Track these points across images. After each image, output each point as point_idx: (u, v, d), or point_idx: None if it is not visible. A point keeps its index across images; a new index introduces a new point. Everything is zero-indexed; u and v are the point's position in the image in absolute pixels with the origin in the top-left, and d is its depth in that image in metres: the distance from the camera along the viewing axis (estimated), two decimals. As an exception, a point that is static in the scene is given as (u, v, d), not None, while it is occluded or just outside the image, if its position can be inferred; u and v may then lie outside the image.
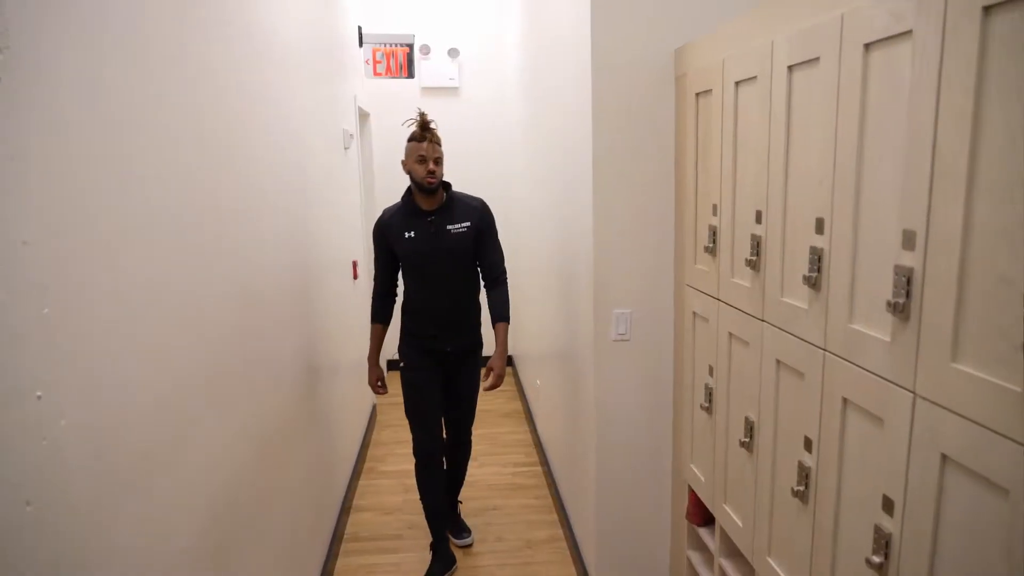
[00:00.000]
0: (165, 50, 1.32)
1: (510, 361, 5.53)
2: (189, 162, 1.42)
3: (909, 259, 1.08)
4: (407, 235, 2.65)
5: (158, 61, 1.29)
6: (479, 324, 2.85)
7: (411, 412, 2.79)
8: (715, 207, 1.90)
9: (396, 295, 2.85)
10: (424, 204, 2.66)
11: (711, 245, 1.92)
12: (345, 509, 3.26)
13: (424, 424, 2.77)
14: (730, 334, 1.84)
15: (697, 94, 2.00)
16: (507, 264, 2.86)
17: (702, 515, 2.19)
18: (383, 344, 2.89)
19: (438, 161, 2.61)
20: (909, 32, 1.07)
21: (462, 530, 3.11)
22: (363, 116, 4.77)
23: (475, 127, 5.36)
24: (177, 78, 1.37)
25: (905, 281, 1.09)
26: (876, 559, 1.18)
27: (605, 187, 2.25)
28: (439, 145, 2.63)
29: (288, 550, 2.14)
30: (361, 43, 4.53)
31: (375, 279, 2.82)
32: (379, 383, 2.86)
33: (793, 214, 1.48)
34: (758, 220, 1.64)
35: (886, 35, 1.13)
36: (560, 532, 3.14)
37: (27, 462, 0.85)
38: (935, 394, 1.03)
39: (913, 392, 1.08)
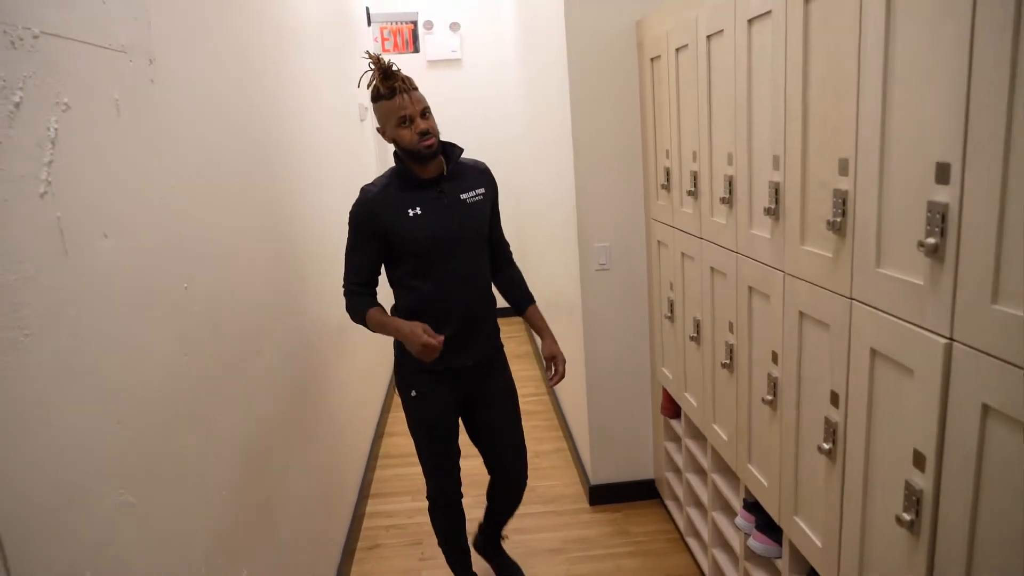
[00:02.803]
0: (222, 46, 1.78)
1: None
2: (241, 137, 1.88)
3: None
4: (411, 212, 1.94)
5: (215, 54, 1.74)
6: (497, 323, 2.20)
7: (424, 452, 2.17)
8: (667, 152, 2.33)
9: (375, 295, 2.08)
10: (424, 172, 1.97)
11: (666, 183, 2.36)
12: (378, 434, 3.78)
13: (442, 467, 2.17)
14: (682, 253, 2.29)
15: (651, 59, 2.43)
16: (511, 224, 2.57)
17: (673, 408, 2.66)
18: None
19: (426, 114, 1.91)
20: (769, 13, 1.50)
21: (512, 571, 2.50)
22: (374, 90, 5.20)
23: (477, 95, 5.76)
24: (230, 68, 1.83)
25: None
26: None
27: (583, 140, 2.69)
28: (417, 91, 1.91)
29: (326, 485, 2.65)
30: (369, 22, 4.94)
31: (345, 279, 2.04)
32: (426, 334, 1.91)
33: (718, 152, 1.91)
34: (694, 159, 2.07)
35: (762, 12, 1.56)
36: (564, 445, 3.64)
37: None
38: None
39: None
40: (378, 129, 1.99)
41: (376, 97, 1.92)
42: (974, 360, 0.98)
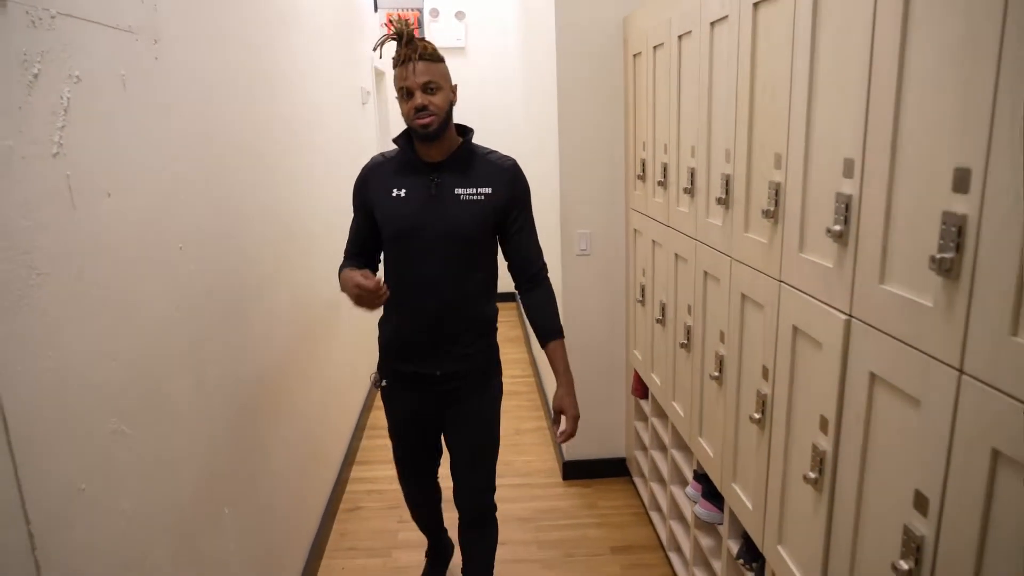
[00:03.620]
0: (226, 27, 1.91)
1: (513, 296, 6.14)
2: (255, 113, 2.02)
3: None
4: (395, 193, 1.79)
5: (219, 34, 1.88)
6: (490, 342, 1.95)
7: (395, 454, 2.11)
8: (643, 144, 2.46)
9: (374, 265, 1.97)
10: (427, 154, 1.79)
11: (641, 173, 2.49)
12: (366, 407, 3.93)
13: (404, 470, 2.12)
14: (653, 241, 2.42)
15: (634, 55, 2.55)
16: None
17: (642, 389, 2.80)
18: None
19: (432, 88, 1.70)
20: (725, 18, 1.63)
21: None
22: (379, 75, 5.32)
23: (480, 81, 5.88)
24: (233, 48, 1.96)
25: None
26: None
27: (569, 130, 2.81)
28: (435, 63, 1.71)
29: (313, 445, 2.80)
30: (376, 8, 5.06)
31: (347, 246, 1.97)
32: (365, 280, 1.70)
33: (684, 145, 2.04)
34: (665, 151, 2.20)
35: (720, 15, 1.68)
36: (544, 424, 3.79)
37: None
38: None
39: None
40: (397, 98, 1.78)
41: (394, 63, 1.74)
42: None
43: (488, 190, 1.80)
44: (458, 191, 1.79)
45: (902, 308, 1.02)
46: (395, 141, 1.84)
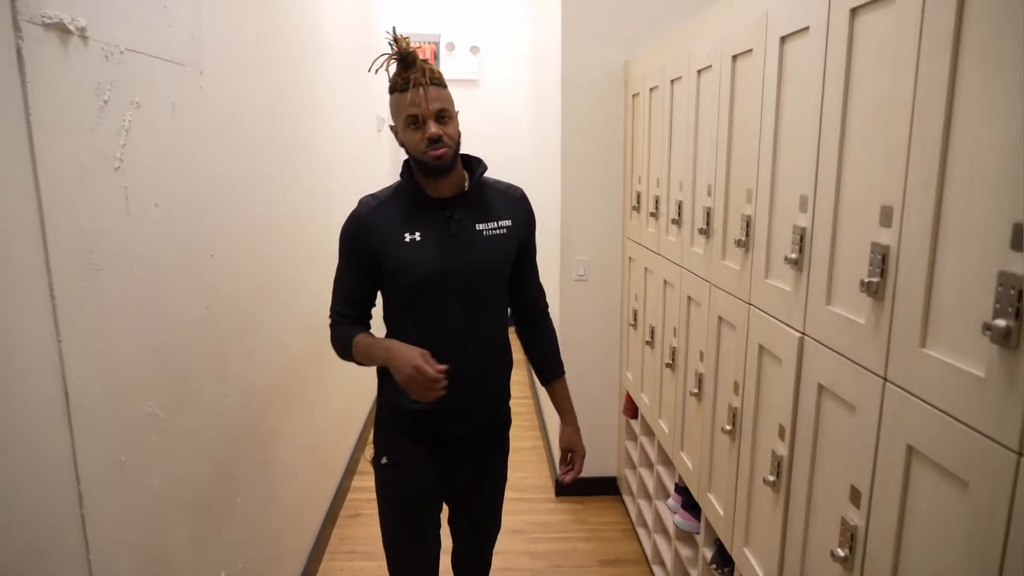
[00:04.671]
0: (259, 60, 2.11)
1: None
2: (281, 143, 2.21)
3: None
4: (409, 237, 1.58)
5: (253, 66, 2.07)
6: (509, 387, 1.81)
7: (391, 538, 1.74)
8: (639, 178, 2.64)
9: (369, 326, 1.70)
10: (435, 189, 1.60)
11: (636, 205, 2.67)
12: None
13: (411, 559, 1.74)
14: (645, 268, 2.58)
15: (633, 96, 2.74)
16: None
17: (633, 409, 2.93)
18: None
19: (444, 116, 1.53)
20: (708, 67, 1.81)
21: None
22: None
23: (491, 112, 6.10)
24: (264, 79, 2.16)
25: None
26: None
27: (570, 162, 3.00)
28: (443, 88, 1.55)
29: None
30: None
31: (332, 309, 1.70)
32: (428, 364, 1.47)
33: (673, 179, 2.21)
34: (657, 185, 2.38)
35: (706, 65, 1.87)
36: (541, 443, 3.91)
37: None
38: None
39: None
40: (392, 127, 1.61)
41: (392, 87, 1.55)
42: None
43: (508, 223, 1.65)
44: (479, 227, 1.62)
45: (843, 326, 1.18)
46: (402, 176, 1.64)
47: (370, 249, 1.60)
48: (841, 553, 1.16)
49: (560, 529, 3.02)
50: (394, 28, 1.59)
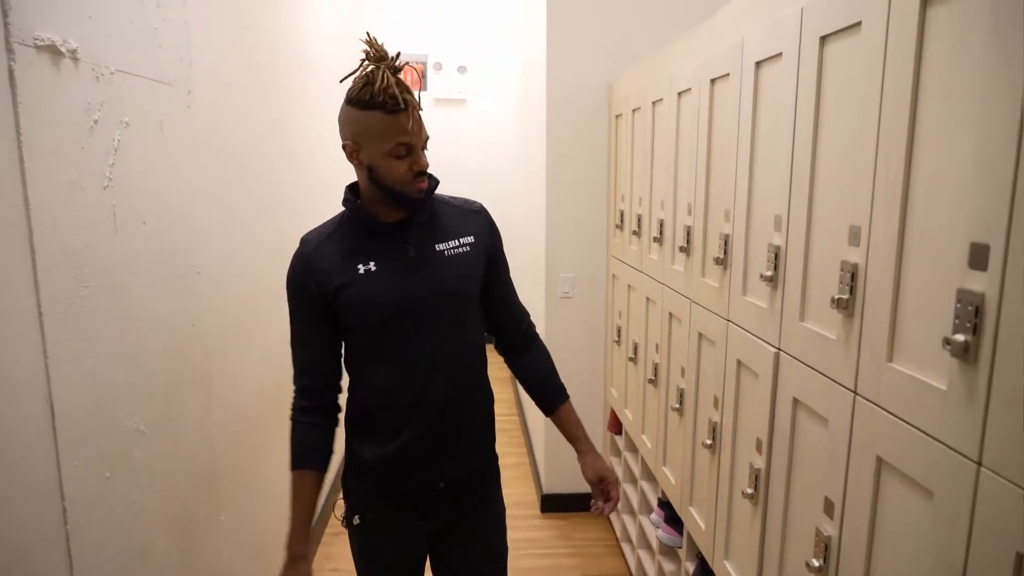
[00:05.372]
0: (248, 80, 2.14)
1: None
2: (272, 160, 2.23)
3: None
4: (363, 268, 1.40)
5: (241, 86, 2.10)
6: (494, 427, 1.62)
7: None
8: (622, 196, 2.68)
9: (339, 410, 1.52)
10: (387, 214, 1.41)
11: (620, 223, 2.71)
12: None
13: None
14: (628, 285, 2.62)
15: (616, 116, 2.79)
16: (512, 260, 1.68)
17: (618, 425, 2.96)
18: (317, 506, 1.51)
19: (426, 146, 1.38)
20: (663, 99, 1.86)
21: None
22: (381, 121, 5.61)
23: (478, 131, 6.16)
24: (252, 98, 2.19)
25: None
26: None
27: (556, 182, 3.04)
28: (420, 111, 1.37)
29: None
30: (381, 60, 5.35)
31: (295, 378, 1.48)
32: None
33: (655, 198, 2.26)
34: (640, 204, 2.42)
35: (686, 85, 1.91)
36: (526, 460, 3.92)
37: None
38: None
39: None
40: (345, 146, 1.36)
41: (368, 103, 1.30)
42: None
43: (471, 239, 1.47)
44: (440, 247, 1.44)
45: (816, 341, 1.21)
46: (345, 204, 1.44)
47: (322, 291, 1.39)
48: (816, 563, 1.18)
49: (545, 545, 3.02)
50: (368, 32, 1.41)
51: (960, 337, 0.84)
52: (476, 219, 1.51)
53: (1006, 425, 0.79)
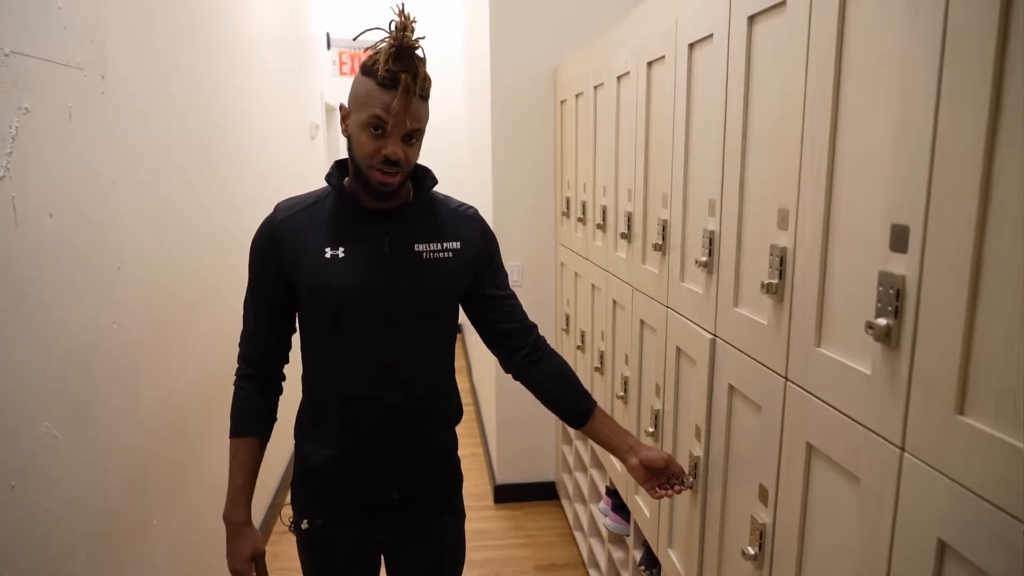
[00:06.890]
0: (174, 64, 2.04)
1: (459, 328, 6.26)
2: (196, 144, 2.14)
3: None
4: (330, 253, 1.31)
5: (166, 71, 2.00)
6: (456, 443, 1.55)
7: None
8: (568, 183, 2.65)
9: (282, 378, 1.47)
10: (371, 200, 1.32)
11: (566, 210, 2.68)
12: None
13: None
14: (575, 273, 2.60)
15: (561, 102, 2.76)
16: None
17: (569, 414, 2.94)
18: (257, 476, 1.43)
19: (412, 139, 1.27)
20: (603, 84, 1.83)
21: None
22: (330, 110, 5.47)
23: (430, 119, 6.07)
24: (180, 83, 2.09)
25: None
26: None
27: (502, 170, 3.00)
28: (426, 101, 1.28)
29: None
30: (329, 46, 5.23)
31: (242, 342, 1.44)
32: (252, 563, 1.42)
33: (599, 184, 2.23)
34: (584, 190, 2.39)
35: (621, 71, 1.89)
36: (479, 451, 3.90)
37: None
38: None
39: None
40: (343, 108, 1.29)
41: (369, 69, 1.22)
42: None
43: (456, 244, 1.36)
44: (419, 247, 1.33)
45: (749, 327, 1.20)
46: (328, 180, 1.35)
47: (282, 264, 1.33)
48: (752, 551, 1.17)
49: (497, 536, 3.00)
50: (403, 5, 1.25)
51: (882, 321, 0.82)
52: (468, 224, 1.40)
53: (927, 410, 0.78)
